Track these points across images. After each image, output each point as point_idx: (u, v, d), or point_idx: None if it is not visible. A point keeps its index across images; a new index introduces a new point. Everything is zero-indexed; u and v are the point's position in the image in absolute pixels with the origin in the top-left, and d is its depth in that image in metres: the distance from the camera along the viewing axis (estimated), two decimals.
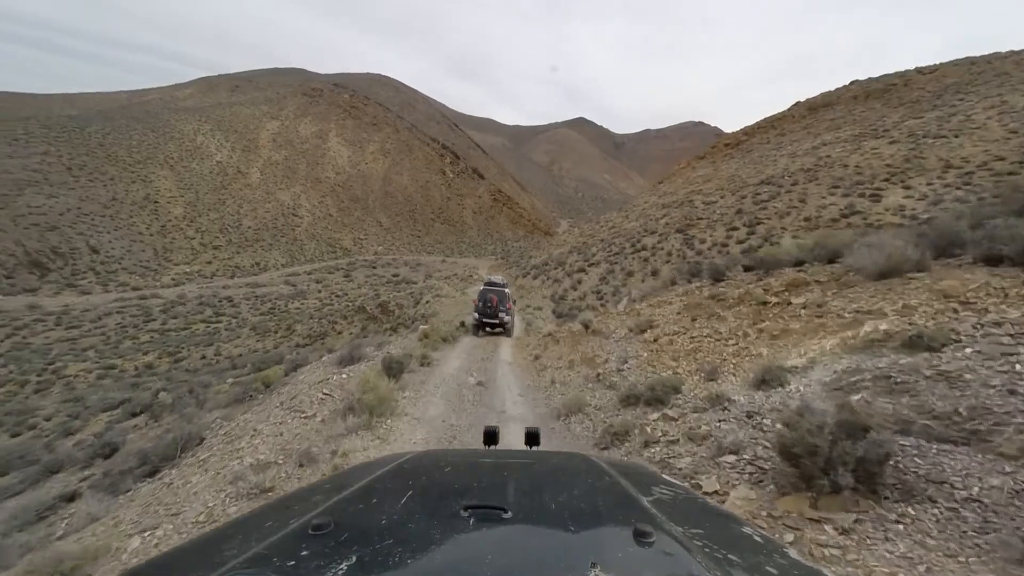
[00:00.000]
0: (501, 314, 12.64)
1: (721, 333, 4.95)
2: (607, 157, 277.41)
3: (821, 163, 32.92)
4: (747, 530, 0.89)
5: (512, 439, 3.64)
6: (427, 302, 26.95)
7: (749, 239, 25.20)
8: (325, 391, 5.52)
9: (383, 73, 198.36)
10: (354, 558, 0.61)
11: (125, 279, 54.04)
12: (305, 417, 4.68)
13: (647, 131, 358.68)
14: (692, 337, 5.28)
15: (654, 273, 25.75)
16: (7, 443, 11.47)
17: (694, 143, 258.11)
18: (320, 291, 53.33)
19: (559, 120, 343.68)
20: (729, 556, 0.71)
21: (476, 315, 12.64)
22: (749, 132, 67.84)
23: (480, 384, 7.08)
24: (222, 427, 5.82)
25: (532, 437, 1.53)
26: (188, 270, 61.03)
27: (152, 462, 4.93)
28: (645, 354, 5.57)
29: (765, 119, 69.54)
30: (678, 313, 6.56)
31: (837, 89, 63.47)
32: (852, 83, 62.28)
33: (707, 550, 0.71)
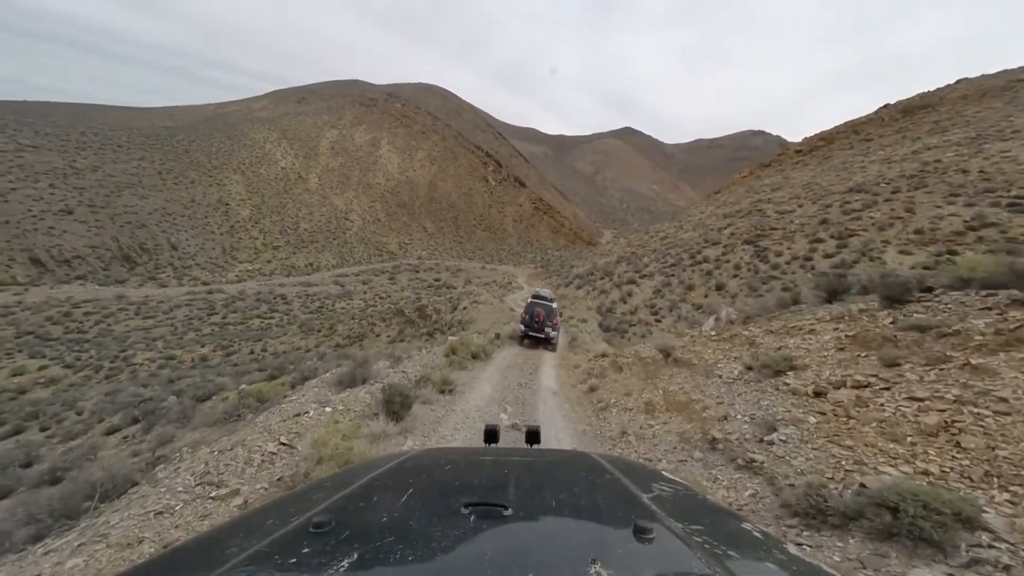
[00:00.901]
0: (547, 329, 12.38)
1: (1003, 400, 2.62)
2: (655, 168, 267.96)
3: (928, 169, 27.90)
4: (746, 526, 0.88)
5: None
6: (464, 308, 25.43)
7: (840, 252, 21.32)
8: (283, 440, 3.74)
9: (432, 82, 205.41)
10: (355, 555, 0.62)
11: (197, 274, 58.17)
12: (215, 498, 2.95)
13: (699, 141, 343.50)
14: (916, 399, 2.96)
15: (719, 288, 22.53)
16: None
17: (753, 153, 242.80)
18: (365, 292, 54.22)
19: (605, 130, 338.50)
20: (729, 552, 0.71)
21: (522, 327, 12.60)
22: (826, 138, 61.30)
23: (516, 427, 5.10)
24: (172, 463, 4.19)
25: (532, 435, 1.49)
26: (250, 268, 64.77)
27: (41, 521, 3.35)
28: (812, 419, 3.28)
29: (845, 123, 62.85)
30: (840, 350, 4.18)
31: (939, 89, 55.72)
32: (959, 82, 54.38)
33: (707, 546, 0.71)
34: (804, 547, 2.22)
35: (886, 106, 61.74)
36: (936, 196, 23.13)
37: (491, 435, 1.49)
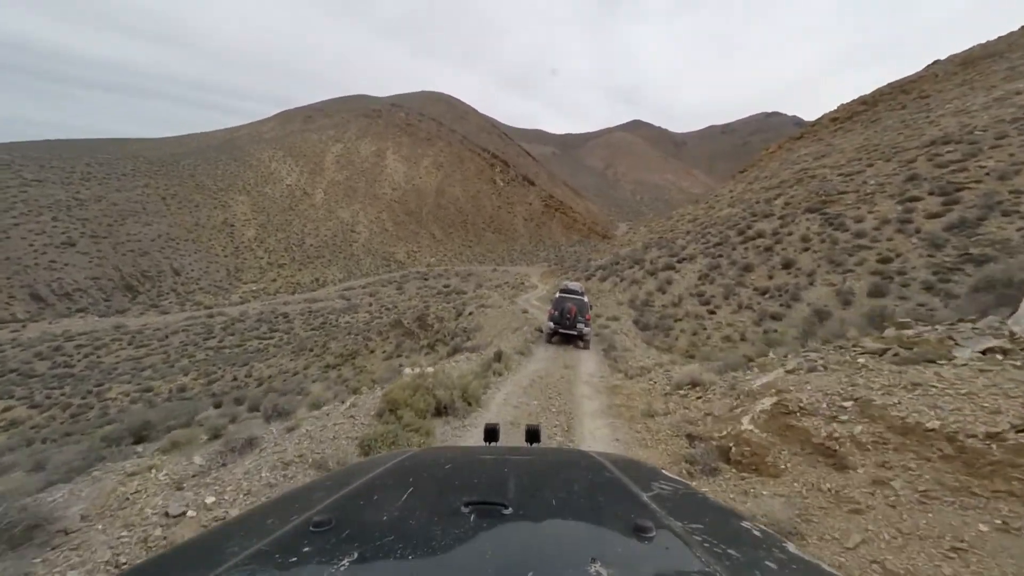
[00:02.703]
0: (580, 325, 11.14)
1: None
2: (667, 157, 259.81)
3: None
4: (746, 525, 0.88)
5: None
6: (470, 314, 21.37)
7: (951, 210, 16.30)
8: None
9: (436, 89, 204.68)
10: (355, 554, 0.62)
11: (200, 298, 56.32)
12: None
13: (711, 127, 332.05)
14: None
15: (787, 266, 17.75)
16: None
17: (769, 134, 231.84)
18: (371, 304, 51.13)
19: (612, 125, 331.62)
20: (728, 551, 0.71)
21: (551, 324, 11.43)
22: (868, 102, 55.32)
23: None
24: None
25: (532, 434, 1.50)
26: (255, 288, 62.73)
27: None
28: None
29: (888, 85, 56.68)
30: None
31: (1001, 37, 49.27)
32: (1023, 28, 47.82)
33: (707, 545, 0.71)
34: None
35: (936, 62, 55.37)
36: None
37: (491, 433, 1.48)
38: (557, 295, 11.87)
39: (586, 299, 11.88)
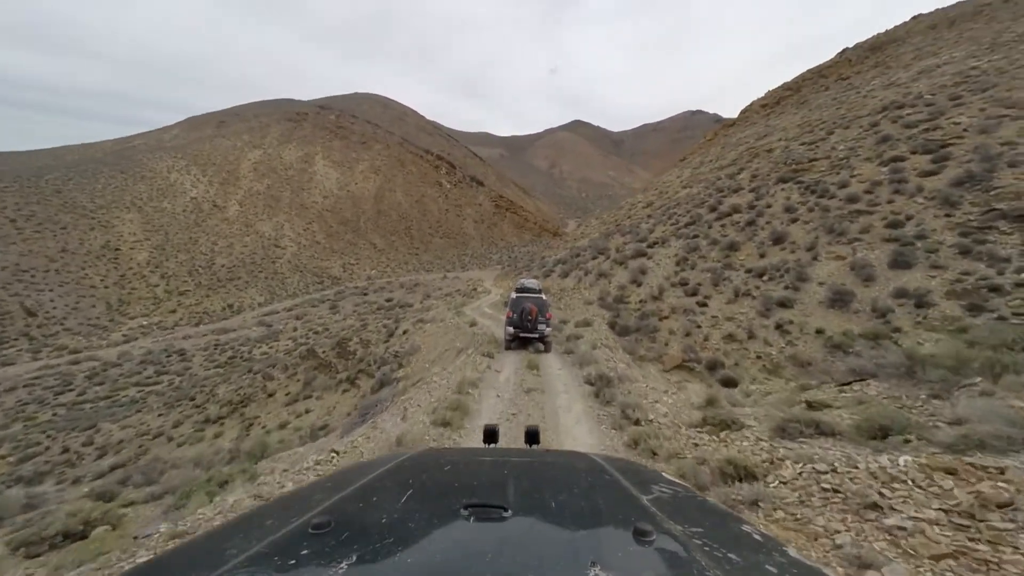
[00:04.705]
0: (541, 326, 10.15)
1: None
2: (608, 155, 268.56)
3: (974, 75, 22.26)
4: (747, 528, 0.87)
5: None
6: (404, 332, 16.59)
7: (945, 166, 14.46)
8: None
9: (370, 92, 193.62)
10: (354, 557, 0.61)
11: (65, 341, 44.94)
12: None
13: (644, 126, 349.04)
14: None
15: (777, 240, 15.05)
16: None
17: (694, 132, 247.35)
18: (296, 329, 43.77)
19: (555, 125, 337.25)
20: (728, 555, 0.70)
21: (511, 329, 10.35)
22: (792, 87, 58.43)
23: None
24: None
25: (532, 436, 1.48)
26: (145, 323, 51.77)
27: None
28: None
29: (808, 71, 60.13)
30: None
31: (896, 27, 53.68)
32: (915, 18, 52.49)
33: (707, 549, 0.71)
34: None
35: (845, 50, 59.38)
36: None
37: (491, 435, 1.45)
38: (513, 295, 10.81)
39: (544, 297, 10.90)
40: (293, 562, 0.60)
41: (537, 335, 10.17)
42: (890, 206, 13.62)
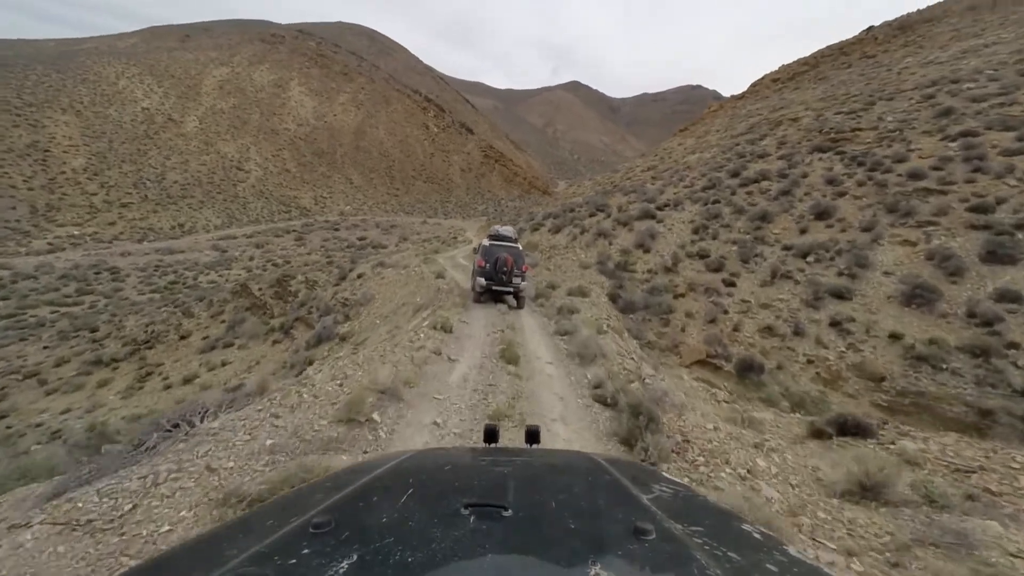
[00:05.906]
0: (516, 280, 9.17)
1: None
2: (603, 120, 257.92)
3: None
4: (747, 527, 0.87)
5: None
6: (359, 276, 13.58)
7: None
8: None
9: (357, 23, 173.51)
10: (355, 556, 0.61)
11: None
12: None
13: (644, 94, 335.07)
14: None
15: (822, 215, 12.72)
16: None
17: (694, 106, 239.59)
18: (253, 258, 39.55)
19: (553, 84, 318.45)
20: (729, 554, 0.70)
21: (483, 280, 9.22)
22: (809, 63, 54.78)
23: None
24: None
25: (532, 435, 1.48)
26: (77, 233, 45.63)
27: None
28: None
29: (828, 47, 56.39)
30: None
31: (931, 7, 50.00)
32: None
33: (707, 548, 0.71)
34: None
35: (871, 28, 55.61)
36: None
37: (491, 435, 1.44)
38: (486, 242, 9.53)
39: (521, 247, 9.97)
40: (293, 562, 0.60)
41: (511, 289, 9.26)
42: (970, 187, 11.41)
